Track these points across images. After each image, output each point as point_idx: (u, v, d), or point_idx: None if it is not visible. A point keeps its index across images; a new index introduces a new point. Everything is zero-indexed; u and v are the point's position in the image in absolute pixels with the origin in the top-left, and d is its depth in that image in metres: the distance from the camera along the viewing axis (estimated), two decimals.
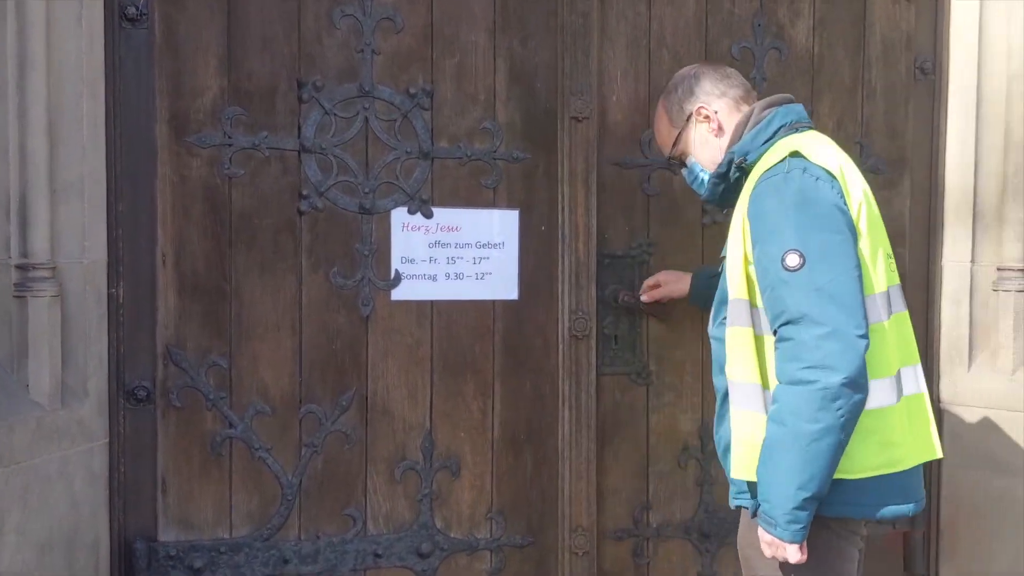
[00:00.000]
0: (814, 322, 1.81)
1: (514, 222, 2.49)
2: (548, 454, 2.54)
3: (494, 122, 2.44)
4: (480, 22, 2.42)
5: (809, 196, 1.89)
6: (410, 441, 2.43)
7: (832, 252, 1.85)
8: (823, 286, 1.82)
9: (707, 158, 2.17)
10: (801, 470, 1.82)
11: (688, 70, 2.22)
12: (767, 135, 2.05)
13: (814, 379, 1.79)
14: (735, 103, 2.15)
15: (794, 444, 1.82)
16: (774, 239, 1.88)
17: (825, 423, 1.80)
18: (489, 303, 2.48)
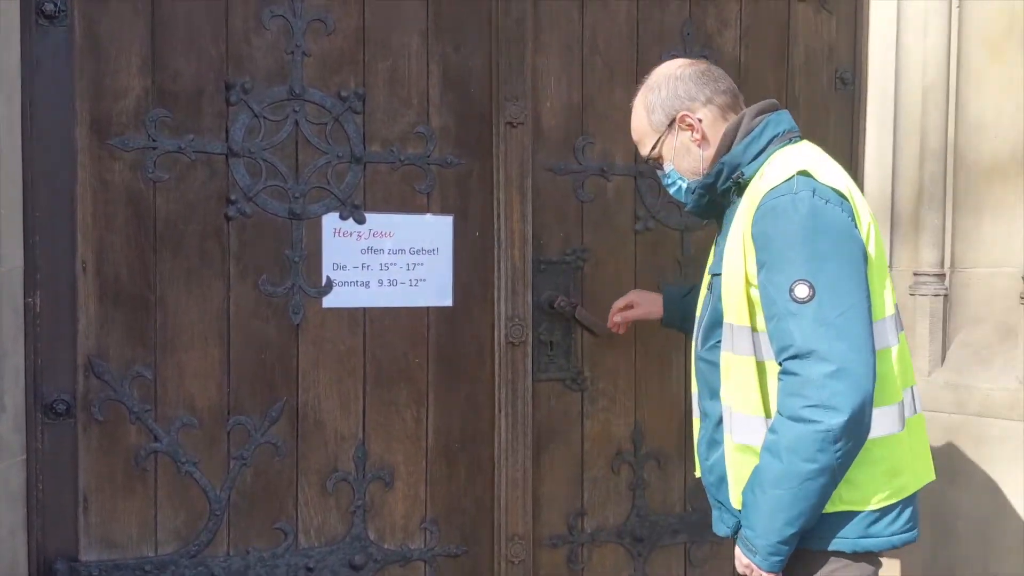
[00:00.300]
0: (822, 359, 1.72)
1: (448, 228, 2.46)
2: (483, 462, 2.52)
3: (427, 127, 2.41)
4: (413, 26, 2.38)
5: (819, 221, 1.78)
6: (342, 452, 2.38)
7: (842, 283, 1.76)
8: (832, 320, 1.73)
9: (687, 167, 2.04)
10: (790, 506, 1.77)
11: (672, 67, 2.04)
12: (760, 146, 1.94)
13: (817, 419, 1.72)
14: (721, 111, 2.00)
15: (788, 481, 1.76)
16: (782, 267, 1.78)
17: (822, 464, 1.73)
18: (423, 310, 2.45)
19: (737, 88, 2.04)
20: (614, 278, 2.60)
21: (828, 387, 1.71)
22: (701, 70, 2.03)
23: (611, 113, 2.57)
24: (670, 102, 2.01)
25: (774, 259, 1.79)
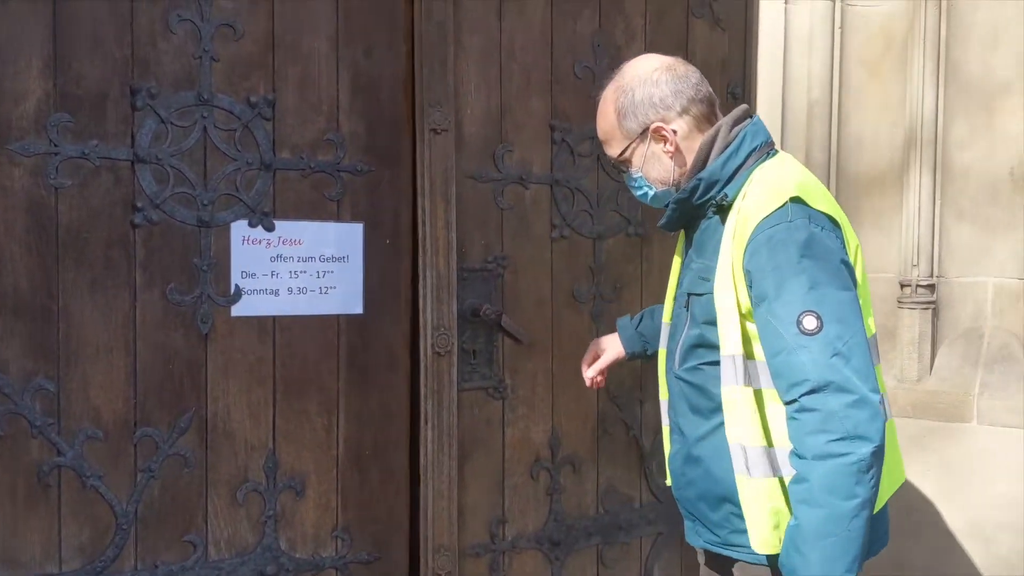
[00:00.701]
0: (840, 389, 1.66)
1: (358, 235, 2.46)
2: (395, 470, 2.54)
3: (338, 133, 2.41)
4: (323, 31, 2.38)
5: (818, 250, 1.73)
6: (252, 462, 2.35)
7: (845, 311, 1.71)
8: (841, 350, 1.68)
9: (657, 176, 1.95)
10: (845, 551, 1.66)
11: (648, 69, 1.91)
12: (738, 161, 1.86)
13: (848, 451, 1.64)
14: (696, 122, 1.89)
15: (836, 527, 1.65)
16: (787, 299, 1.71)
17: (863, 497, 1.65)
18: (333, 318, 2.45)
19: (713, 92, 1.96)
20: (533, 286, 2.66)
21: (852, 417, 1.65)
22: (679, 75, 1.91)
23: (528, 121, 2.62)
24: (644, 110, 1.90)
25: (776, 291, 1.73)
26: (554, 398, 2.69)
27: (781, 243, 1.73)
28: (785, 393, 1.72)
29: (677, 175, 1.92)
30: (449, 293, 2.51)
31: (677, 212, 1.93)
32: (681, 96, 1.88)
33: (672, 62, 1.94)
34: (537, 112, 2.57)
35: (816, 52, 2.99)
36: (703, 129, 1.90)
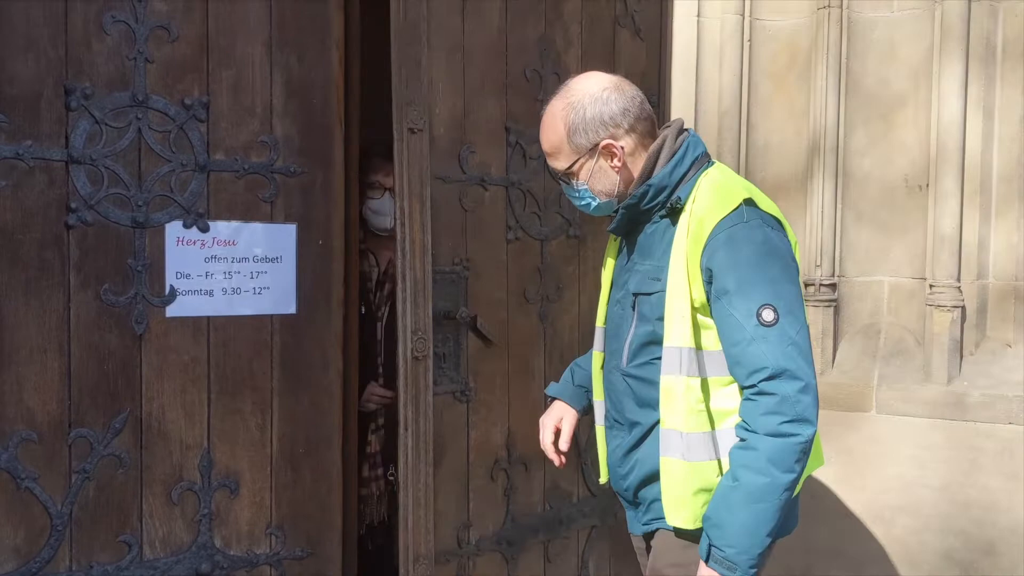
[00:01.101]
0: (793, 376, 1.85)
1: (291, 236, 2.51)
2: (327, 466, 2.59)
3: (271, 136, 2.46)
4: (257, 36, 2.42)
5: (773, 248, 1.91)
6: (187, 461, 2.38)
7: (795, 305, 1.90)
8: (795, 340, 1.87)
9: (602, 189, 2.06)
10: (773, 517, 1.86)
11: (596, 88, 2.03)
12: (684, 168, 2.00)
13: (796, 432, 1.84)
14: (641, 139, 2.03)
15: (772, 494, 1.85)
16: (747, 292, 1.87)
17: (797, 473, 1.86)
18: (267, 318, 2.49)
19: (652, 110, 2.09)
20: (491, 287, 2.75)
21: (801, 402, 1.84)
22: (626, 95, 2.03)
23: (485, 123, 2.70)
24: (594, 127, 2.00)
25: (737, 286, 1.88)
26: (509, 399, 2.79)
27: (740, 241, 1.89)
28: (745, 379, 1.89)
29: (621, 188, 2.05)
30: (425, 297, 2.55)
31: (625, 217, 2.05)
32: (628, 115, 2.01)
33: (618, 81, 2.06)
34: (494, 114, 2.64)
35: (726, 64, 3.17)
36: (646, 145, 2.04)
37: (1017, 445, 2.97)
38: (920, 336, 3.16)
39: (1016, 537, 2.99)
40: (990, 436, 3.01)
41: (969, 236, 3.09)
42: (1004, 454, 2.99)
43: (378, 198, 3.01)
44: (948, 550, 3.07)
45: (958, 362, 3.11)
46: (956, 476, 3.05)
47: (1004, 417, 2.99)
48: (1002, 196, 3.07)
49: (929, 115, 3.09)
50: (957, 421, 3.04)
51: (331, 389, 2.60)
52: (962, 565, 3.06)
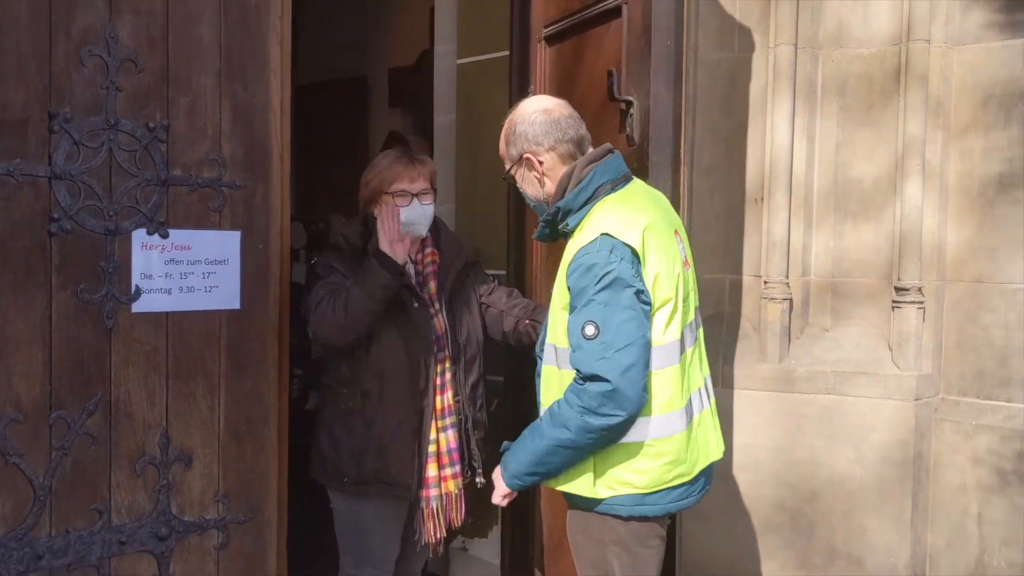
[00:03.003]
0: (600, 380, 2.21)
1: (236, 242, 2.91)
2: (265, 443, 3.01)
3: (220, 154, 2.84)
4: (209, 67, 2.81)
5: (610, 276, 2.22)
6: (149, 439, 2.75)
7: (624, 326, 2.21)
8: (610, 355, 2.20)
9: (531, 194, 2.52)
10: (540, 456, 2.35)
11: (530, 110, 2.46)
12: (587, 195, 2.35)
13: (582, 414, 2.24)
14: (562, 158, 2.41)
15: (543, 440, 2.32)
16: (580, 311, 2.25)
17: (573, 438, 2.27)
18: (216, 313, 2.88)
19: (586, 134, 2.49)
20: None
21: (598, 399, 2.23)
22: (553, 118, 2.44)
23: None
24: (520, 142, 2.45)
25: (577, 302, 2.29)
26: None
27: (586, 268, 2.27)
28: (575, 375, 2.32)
29: (545, 195, 2.50)
30: None
31: (547, 229, 2.51)
32: (550, 136, 2.43)
33: (554, 106, 2.51)
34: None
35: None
36: (567, 163, 2.44)
37: (833, 411, 3.62)
38: (757, 324, 3.79)
39: (833, 486, 3.65)
40: (812, 404, 3.65)
41: (796, 241, 3.69)
42: (823, 418, 3.64)
43: (406, 206, 3.12)
44: (780, 499, 3.73)
45: (787, 344, 3.73)
46: (786, 439, 3.69)
47: (823, 388, 3.63)
48: (821, 208, 3.73)
49: (764, 141, 3.75)
50: (787, 393, 3.67)
51: (269, 374, 3.00)
52: (791, 511, 3.73)
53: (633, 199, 2.43)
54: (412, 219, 3.11)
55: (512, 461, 2.43)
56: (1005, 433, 3.53)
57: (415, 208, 3.12)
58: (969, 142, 3.65)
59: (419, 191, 3.13)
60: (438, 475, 3.17)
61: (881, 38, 3.66)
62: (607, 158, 2.44)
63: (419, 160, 3.19)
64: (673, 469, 2.39)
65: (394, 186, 3.13)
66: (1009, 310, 3.57)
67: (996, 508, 3.53)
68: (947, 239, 3.70)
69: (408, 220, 3.10)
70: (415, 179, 3.13)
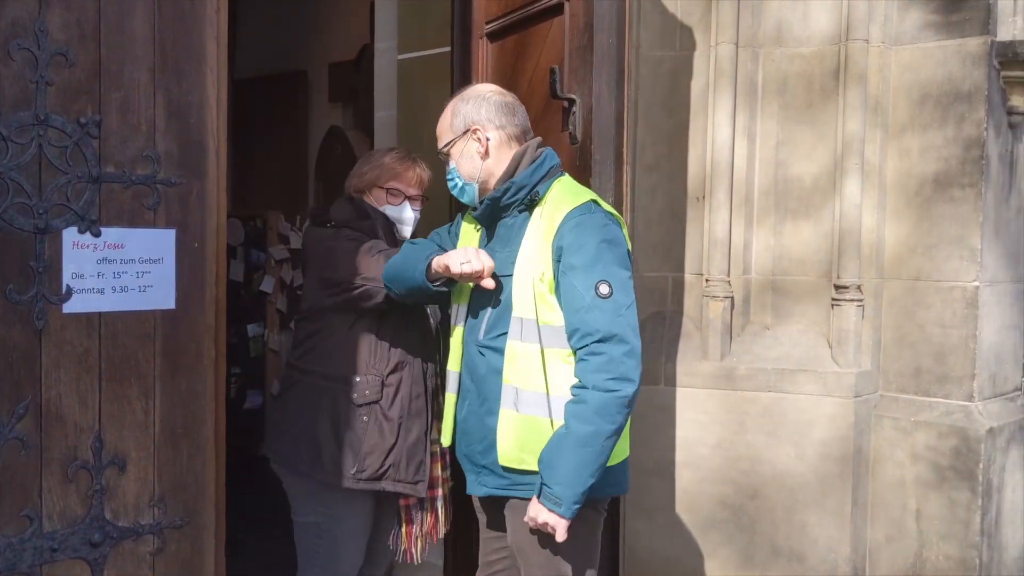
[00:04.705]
0: (622, 341, 2.22)
1: (171, 240, 2.90)
2: (201, 444, 3.00)
3: (154, 151, 2.83)
4: (143, 62, 2.79)
5: (613, 237, 2.32)
6: (81, 443, 2.73)
7: (627, 285, 2.30)
8: (624, 312, 2.25)
9: (466, 170, 2.54)
10: (594, 461, 2.23)
11: (485, 90, 2.55)
12: (542, 173, 2.44)
13: (618, 388, 2.22)
14: (508, 139, 2.49)
15: (595, 440, 2.22)
16: (588, 269, 2.26)
17: (618, 424, 2.24)
18: (150, 313, 2.86)
19: (530, 129, 2.59)
20: None
21: (625, 363, 2.23)
22: (506, 102, 2.55)
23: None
24: (471, 115, 2.52)
25: (582, 264, 2.28)
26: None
27: (587, 227, 2.31)
28: (580, 340, 2.28)
29: (483, 177, 2.52)
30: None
31: (489, 208, 2.52)
32: (500, 116, 2.52)
33: (507, 93, 2.61)
34: None
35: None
36: (512, 147, 2.52)
37: (773, 408, 3.73)
38: (698, 321, 3.86)
39: (774, 482, 3.75)
40: (753, 402, 3.75)
41: (736, 239, 3.78)
42: (764, 416, 3.74)
43: (397, 204, 3.18)
44: (722, 496, 3.82)
45: (729, 342, 3.82)
46: (728, 435, 3.78)
47: (764, 386, 3.73)
48: (761, 207, 3.83)
49: (706, 139, 3.82)
50: (728, 391, 3.75)
51: (205, 375, 2.99)
52: (732, 508, 3.82)
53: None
54: (400, 219, 3.17)
55: (564, 490, 2.25)
56: (942, 430, 3.64)
57: (405, 209, 3.18)
58: (907, 141, 3.76)
59: (412, 195, 3.19)
60: (440, 476, 3.17)
61: (820, 38, 3.75)
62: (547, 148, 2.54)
63: (422, 167, 3.23)
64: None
65: (391, 183, 3.17)
66: (946, 308, 3.68)
67: (934, 503, 3.64)
68: (886, 237, 3.80)
69: (396, 218, 3.16)
70: (412, 182, 3.18)
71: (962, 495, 3.58)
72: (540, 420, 2.38)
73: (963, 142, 3.66)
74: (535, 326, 2.36)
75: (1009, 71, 3.68)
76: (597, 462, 2.26)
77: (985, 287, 3.68)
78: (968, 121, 3.64)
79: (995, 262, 3.75)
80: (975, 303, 3.66)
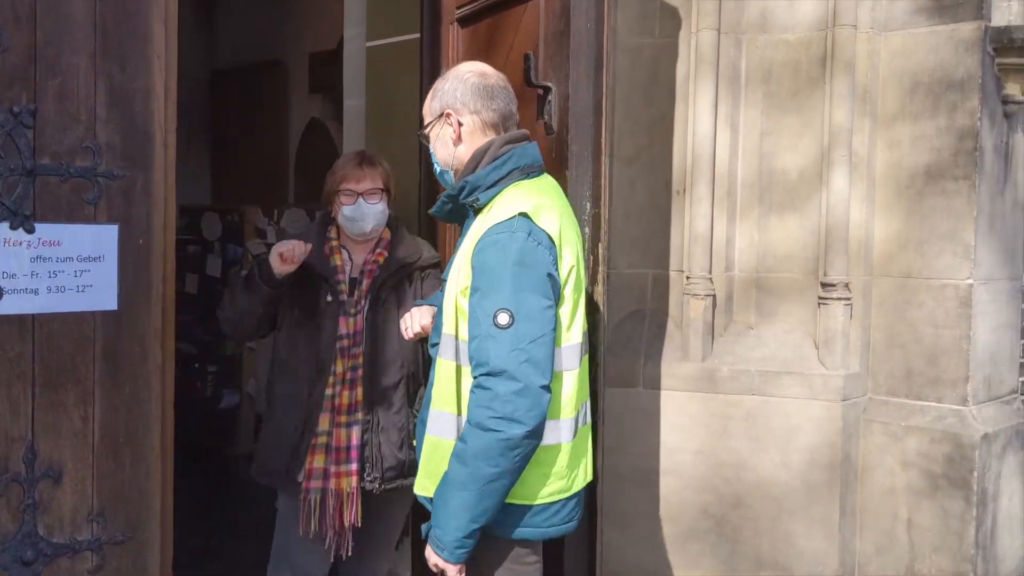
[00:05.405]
0: (511, 378, 2.05)
1: (113, 236, 2.77)
2: (146, 453, 2.87)
3: (95, 142, 2.70)
4: (82, 46, 2.66)
5: (527, 260, 2.11)
6: (12, 454, 2.60)
7: (536, 315, 2.09)
8: (525, 347, 2.06)
9: (441, 156, 2.40)
10: (475, 505, 2.09)
11: (464, 70, 2.40)
12: (500, 174, 2.26)
13: (501, 429, 2.04)
14: (483, 125, 2.33)
15: (473, 483, 2.07)
16: (491, 295, 2.10)
17: (503, 468, 2.07)
18: (90, 314, 2.73)
19: (514, 113, 2.42)
20: None
21: (513, 403, 2.05)
22: (486, 84, 2.37)
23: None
24: (447, 97, 2.38)
25: (486, 286, 2.14)
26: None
27: (500, 248, 2.15)
28: (474, 370, 2.16)
29: (454, 161, 2.40)
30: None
31: (448, 205, 2.40)
32: (478, 99, 2.35)
33: (491, 73, 2.45)
34: None
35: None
36: (487, 135, 2.37)
37: (757, 412, 3.63)
38: (679, 321, 3.77)
39: (758, 491, 3.65)
40: (737, 405, 3.65)
41: (719, 234, 3.70)
42: (748, 420, 3.64)
43: (351, 204, 3.31)
44: (704, 505, 3.71)
45: (711, 342, 3.73)
46: (710, 441, 3.68)
47: (747, 389, 3.64)
48: (745, 200, 3.73)
49: (687, 130, 3.70)
50: (711, 393, 3.66)
51: (150, 381, 2.86)
52: (715, 518, 3.70)
53: (546, 191, 2.36)
54: (354, 216, 3.30)
55: (444, 534, 2.17)
56: (935, 435, 3.54)
57: (359, 206, 3.30)
58: (897, 131, 3.67)
59: (364, 191, 3.31)
60: (323, 468, 3.23)
61: (806, 23, 3.67)
62: (524, 143, 2.38)
63: (368, 163, 3.39)
64: (554, 482, 2.27)
65: (342, 185, 3.34)
66: (938, 306, 3.57)
67: (926, 513, 3.54)
68: (875, 232, 3.71)
69: (351, 216, 3.30)
70: (361, 180, 3.32)
71: (956, 504, 3.47)
72: (445, 443, 2.26)
73: (956, 132, 3.57)
74: (454, 341, 2.26)
75: (1004, 58, 3.58)
76: (480, 506, 2.12)
77: (979, 285, 3.58)
78: (961, 110, 3.55)
79: (990, 258, 3.65)
80: (969, 302, 3.56)
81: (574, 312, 2.26)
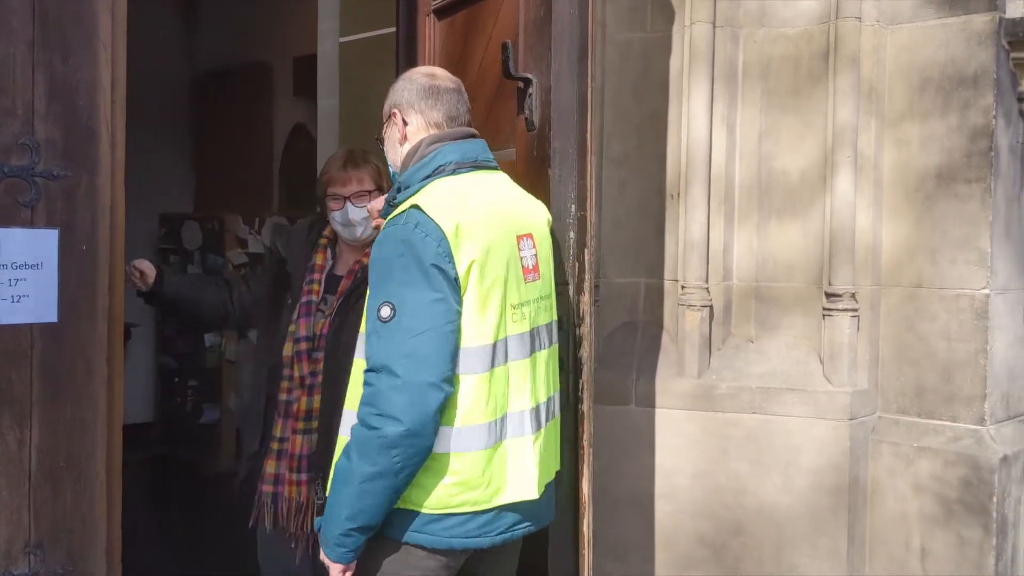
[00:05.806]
0: (391, 373, 2.01)
1: (53, 242, 2.58)
2: (90, 479, 2.67)
3: (32, 138, 2.52)
4: (19, 35, 2.48)
5: (412, 251, 2.07)
6: None
7: (422, 309, 2.04)
8: (407, 341, 2.02)
9: (391, 156, 2.42)
10: (353, 503, 2.05)
11: (416, 71, 2.44)
12: (425, 173, 2.24)
13: (378, 427, 2.01)
14: (427, 125, 2.32)
15: (352, 479, 2.05)
16: (377, 289, 2.10)
17: (380, 467, 2.02)
18: (26, 327, 2.54)
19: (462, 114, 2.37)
20: None
21: (391, 400, 2.01)
22: (432, 85, 2.36)
23: None
24: (395, 96, 2.39)
25: (375, 280, 2.13)
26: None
27: (387, 241, 2.14)
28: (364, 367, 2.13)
29: (400, 164, 2.37)
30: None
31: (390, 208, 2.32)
32: (423, 100, 2.35)
33: (441, 75, 2.43)
34: None
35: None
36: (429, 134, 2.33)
37: (759, 432, 3.47)
38: (674, 333, 3.62)
39: (761, 517, 3.48)
40: (736, 425, 3.50)
41: (715, 241, 3.57)
42: (749, 441, 3.48)
43: (339, 209, 3.18)
44: (701, 532, 3.53)
45: (707, 357, 3.58)
46: (708, 463, 3.52)
47: (748, 407, 3.49)
48: (743, 204, 3.58)
49: (680, 129, 3.55)
50: (708, 412, 3.52)
51: (96, 399, 2.67)
52: (713, 546, 3.53)
53: (469, 187, 2.28)
54: (344, 222, 3.19)
55: (326, 530, 2.14)
56: (949, 457, 3.38)
57: (348, 211, 3.17)
58: (905, 131, 3.54)
59: (351, 194, 3.17)
60: (275, 473, 3.19)
61: (808, 16, 3.58)
62: (461, 140, 2.34)
63: (354, 164, 3.25)
64: (461, 493, 2.15)
65: (329, 190, 3.23)
66: (951, 318, 3.42)
67: (940, 542, 3.39)
68: (882, 239, 3.58)
69: (341, 222, 3.19)
70: (347, 183, 3.19)
71: (973, 532, 3.30)
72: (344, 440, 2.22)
73: (969, 132, 3.44)
74: (362, 338, 2.21)
75: (1019, 52, 3.49)
76: (357, 505, 2.08)
77: (996, 295, 3.44)
78: (974, 108, 3.41)
79: (1007, 266, 3.52)
80: (985, 313, 3.41)
81: (482, 312, 2.15)
